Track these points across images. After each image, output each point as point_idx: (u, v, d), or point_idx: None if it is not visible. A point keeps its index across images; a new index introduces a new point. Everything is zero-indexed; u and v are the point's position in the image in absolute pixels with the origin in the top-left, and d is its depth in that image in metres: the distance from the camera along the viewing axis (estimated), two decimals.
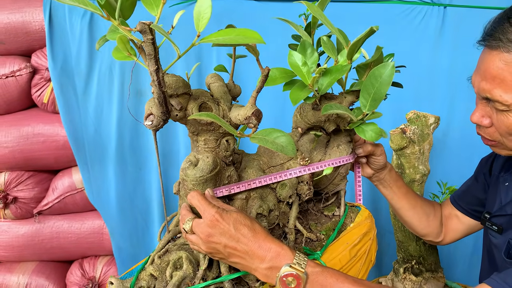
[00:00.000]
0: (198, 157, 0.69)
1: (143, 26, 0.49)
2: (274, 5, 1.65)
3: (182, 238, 0.78)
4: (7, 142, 1.70)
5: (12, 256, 1.85)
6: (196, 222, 0.66)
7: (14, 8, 1.65)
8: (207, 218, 0.64)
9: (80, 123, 1.71)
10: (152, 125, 0.60)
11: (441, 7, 1.60)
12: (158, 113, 0.60)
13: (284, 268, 0.62)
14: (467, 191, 1.12)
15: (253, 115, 0.61)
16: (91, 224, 1.85)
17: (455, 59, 1.63)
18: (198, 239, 0.66)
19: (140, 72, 1.68)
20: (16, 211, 1.79)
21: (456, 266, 1.81)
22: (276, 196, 0.79)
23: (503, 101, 0.76)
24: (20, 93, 1.71)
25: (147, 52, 0.53)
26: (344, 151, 0.90)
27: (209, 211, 0.64)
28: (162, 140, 1.74)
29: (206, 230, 0.64)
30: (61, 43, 1.65)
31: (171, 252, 0.74)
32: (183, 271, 0.69)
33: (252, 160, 0.79)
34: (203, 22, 0.53)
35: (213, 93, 0.70)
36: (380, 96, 0.73)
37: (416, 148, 1.36)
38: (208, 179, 0.67)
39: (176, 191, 0.77)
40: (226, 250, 0.64)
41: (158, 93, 0.57)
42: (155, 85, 0.56)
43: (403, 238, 1.43)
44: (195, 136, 0.70)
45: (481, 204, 1.07)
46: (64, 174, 1.81)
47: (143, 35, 0.51)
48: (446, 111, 1.67)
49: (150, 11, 0.56)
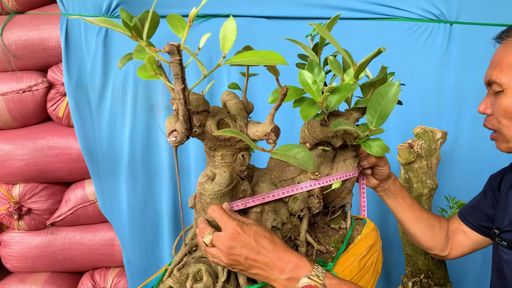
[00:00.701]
0: (215, 172, 0.71)
1: (171, 47, 0.51)
2: (283, 22, 1.70)
3: (199, 251, 0.80)
4: (22, 154, 1.75)
5: (25, 267, 1.88)
6: (216, 235, 0.68)
7: (32, 26, 1.71)
8: (228, 231, 0.66)
9: (93, 137, 1.75)
10: (176, 141, 0.62)
11: (448, 24, 1.63)
12: (182, 130, 0.62)
13: (303, 279, 0.64)
14: (475, 207, 1.13)
15: (272, 131, 0.64)
16: (102, 236, 1.87)
17: (462, 75, 1.65)
18: (219, 251, 0.68)
19: (151, 88, 1.72)
20: (30, 222, 1.83)
21: (466, 281, 1.81)
22: (288, 209, 0.81)
23: (498, 81, 0.85)
24: (36, 107, 1.76)
25: (174, 72, 0.55)
26: (350, 166, 0.93)
27: (230, 224, 0.66)
28: (173, 154, 1.77)
29: (227, 243, 0.66)
30: (77, 59, 1.71)
31: (189, 265, 0.75)
32: (203, 283, 0.71)
33: (264, 174, 0.82)
34: (229, 44, 0.55)
35: (230, 110, 0.73)
36: (386, 113, 0.76)
37: (423, 163, 1.38)
38: (225, 193, 0.69)
39: (192, 205, 0.80)
40: (247, 262, 0.66)
41: (183, 110, 0.59)
42: (181, 103, 0.58)
43: (412, 252, 1.44)
44: (212, 151, 0.72)
45: (489, 220, 1.08)
46: (77, 186, 1.85)
47: (171, 56, 0.53)
48: (453, 126, 1.69)
49: (176, 33, 0.59)
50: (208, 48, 1.51)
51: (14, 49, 1.70)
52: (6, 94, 1.71)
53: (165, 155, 1.76)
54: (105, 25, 0.52)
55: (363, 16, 1.66)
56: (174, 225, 1.84)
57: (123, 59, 0.70)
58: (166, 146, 1.76)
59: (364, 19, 1.67)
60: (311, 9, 1.66)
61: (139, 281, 1.87)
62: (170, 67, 0.55)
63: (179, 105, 0.59)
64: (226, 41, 0.56)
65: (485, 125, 0.96)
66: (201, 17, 1.67)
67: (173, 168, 1.78)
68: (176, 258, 0.79)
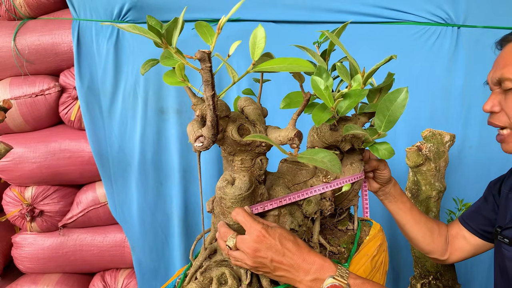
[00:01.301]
0: (234, 176, 0.72)
1: (203, 54, 0.52)
2: (291, 27, 1.71)
3: (220, 255, 0.81)
4: (35, 157, 1.78)
5: (37, 268, 1.91)
6: (240, 238, 0.69)
7: (45, 31, 1.74)
8: (253, 233, 0.67)
9: (105, 140, 1.78)
10: (202, 147, 0.63)
11: (455, 27, 1.65)
12: (209, 135, 0.62)
13: (328, 279, 0.65)
14: (476, 211, 1.14)
15: (295, 136, 0.65)
16: (113, 237, 1.90)
17: (469, 78, 1.66)
18: (243, 254, 0.69)
19: (162, 92, 1.75)
20: (42, 224, 1.86)
21: (474, 282, 1.81)
22: (302, 212, 0.83)
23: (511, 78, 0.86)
24: (48, 111, 1.79)
25: (204, 78, 0.55)
26: (357, 169, 0.95)
27: (255, 226, 0.68)
28: (183, 157, 1.80)
29: (253, 245, 0.67)
30: (88, 63, 1.74)
31: (211, 269, 0.76)
32: (228, 286, 0.72)
33: (277, 178, 0.83)
34: (258, 51, 0.56)
35: (248, 115, 0.74)
36: (395, 118, 0.77)
37: (432, 166, 1.39)
38: (245, 197, 0.70)
39: (210, 209, 0.81)
40: (272, 264, 0.68)
41: (212, 116, 0.60)
42: (210, 109, 0.59)
43: (420, 254, 1.45)
44: (231, 156, 0.73)
45: (490, 225, 1.09)
46: (88, 189, 1.88)
47: (201, 63, 0.54)
48: (461, 129, 1.70)
49: (205, 40, 0.60)
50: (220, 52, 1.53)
51: (27, 54, 1.74)
52: (19, 98, 1.74)
53: (175, 158, 1.78)
54: (135, 31, 0.53)
55: (371, 20, 1.67)
56: (184, 227, 1.86)
57: (146, 65, 0.72)
58: (176, 149, 1.78)
59: (372, 23, 1.68)
60: (319, 13, 1.68)
61: (149, 283, 1.89)
62: (200, 73, 0.55)
63: (208, 111, 0.60)
64: (255, 48, 0.57)
65: (490, 122, 0.96)
66: (210, 21, 1.69)
67: (183, 171, 1.80)
68: (197, 262, 0.79)
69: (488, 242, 1.10)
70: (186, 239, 1.89)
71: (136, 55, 1.72)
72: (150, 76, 1.72)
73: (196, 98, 0.74)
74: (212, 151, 1.76)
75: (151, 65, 0.72)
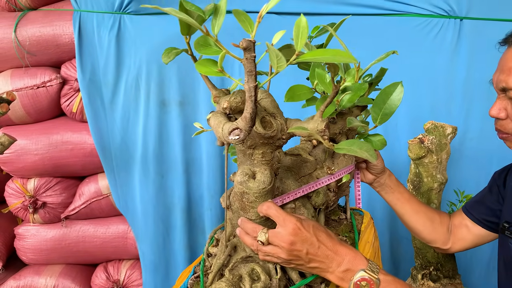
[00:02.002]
0: (253, 170, 0.71)
1: (249, 43, 0.50)
2: (293, 18, 1.71)
3: (243, 251, 0.79)
4: (37, 149, 1.78)
5: (40, 259, 1.92)
6: (273, 233, 0.69)
7: (45, 22, 1.73)
8: (288, 226, 0.68)
9: (107, 132, 1.78)
10: (239, 140, 0.61)
11: (458, 19, 1.64)
12: (246, 128, 0.60)
13: (360, 272, 0.67)
14: (480, 202, 1.14)
15: (325, 127, 0.66)
16: (115, 228, 1.91)
17: (471, 71, 1.66)
18: (277, 248, 0.69)
19: (164, 84, 1.74)
20: (45, 216, 1.86)
21: (473, 272, 1.84)
22: (311, 204, 0.84)
23: None
24: (50, 103, 1.79)
25: (248, 69, 0.53)
26: (350, 160, 0.96)
27: (289, 220, 0.68)
28: (186, 149, 1.80)
29: (288, 239, 0.67)
30: (90, 55, 1.73)
31: (238, 266, 0.75)
32: (262, 282, 0.71)
33: (285, 171, 0.84)
34: (302, 42, 0.55)
35: (267, 108, 0.73)
36: (391, 111, 0.78)
37: (434, 158, 1.40)
38: (268, 190, 0.70)
39: (227, 205, 0.79)
40: (307, 256, 0.68)
41: (252, 108, 0.58)
42: (251, 100, 0.57)
43: (421, 244, 1.47)
44: (251, 149, 0.71)
45: (494, 215, 1.09)
46: (91, 181, 1.88)
47: (246, 53, 0.52)
48: (463, 121, 1.70)
49: (245, 29, 0.58)
50: None
51: (28, 45, 1.73)
52: (20, 89, 1.73)
53: (178, 150, 1.79)
54: (177, 15, 0.51)
55: (374, 12, 1.67)
56: (187, 220, 1.87)
57: (169, 54, 0.67)
58: (179, 141, 1.78)
59: (375, 15, 1.68)
60: (322, 4, 1.67)
61: (151, 274, 1.90)
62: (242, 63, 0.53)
63: (248, 103, 0.58)
64: (299, 39, 0.55)
65: (497, 129, 0.96)
66: None
67: (186, 163, 1.81)
68: (219, 260, 0.77)
69: (491, 232, 1.11)
70: (188, 232, 1.89)
71: (138, 46, 1.72)
72: (152, 68, 1.72)
73: (217, 90, 0.72)
74: (214, 143, 1.76)
75: (175, 53, 0.67)
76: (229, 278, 0.72)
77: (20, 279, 1.88)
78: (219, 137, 0.64)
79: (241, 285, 0.72)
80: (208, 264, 0.85)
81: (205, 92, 1.74)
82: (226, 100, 0.66)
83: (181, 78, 1.74)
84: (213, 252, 0.87)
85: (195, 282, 0.82)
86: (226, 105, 0.66)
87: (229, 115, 0.69)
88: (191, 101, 1.77)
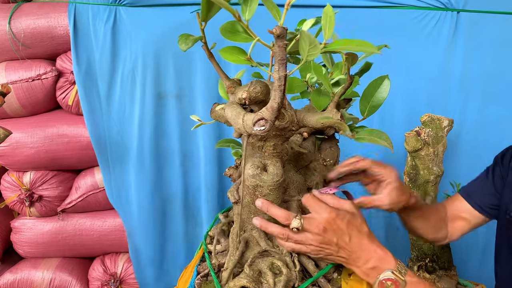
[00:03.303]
0: (264, 163, 0.71)
1: (282, 30, 0.49)
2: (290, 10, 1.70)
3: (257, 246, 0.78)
4: (33, 142, 1.77)
5: (37, 252, 1.92)
6: (308, 220, 0.69)
7: (40, 14, 1.71)
8: (324, 215, 0.68)
9: (103, 125, 1.77)
10: (264, 130, 0.59)
11: (455, 12, 1.64)
12: (271, 118, 0.58)
13: (387, 272, 0.67)
14: (480, 187, 1.11)
15: (341, 118, 0.66)
16: (112, 222, 1.91)
17: (468, 63, 1.66)
18: (308, 235, 0.69)
19: (160, 76, 1.73)
20: (41, 209, 1.86)
21: (468, 264, 1.85)
22: None
23: None
24: (46, 96, 1.78)
25: (279, 57, 0.52)
26: (335, 152, 0.96)
27: (325, 209, 0.69)
28: (182, 142, 1.79)
29: (322, 226, 0.68)
30: (85, 47, 1.71)
31: (256, 262, 0.75)
32: (285, 275, 0.71)
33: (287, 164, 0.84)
34: (329, 31, 0.55)
35: None
36: (378, 103, 0.79)
37: (430, 150, 1.41)
38: (281, 182, 0.70)
39: (236, 199, 0.78)
40: (337, 246, 0.69)
41: (281, 98, 0.57)
42: (280, 90, 0.55)
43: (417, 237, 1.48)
44: (262, 142, 0.70)
45: (493, 199, 1.06)
46: (87, 174, 1.88)
47: (278, 40, 0.50)
48: (459, 114, 1.71)
49: (274, 17, 0.58)
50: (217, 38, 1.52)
51: (23, 38, 1.71)
52: (15, 82, 1.72)
53: (175, 143, 1.78)
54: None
55: (371, 4, 1.66)
56: (183, 213, 1.87)
57: (187, 41, 0.63)
58: (175, 134, 1.78)
59: (372, 7, 1.67)
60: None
61: (145, 270, 1.89)
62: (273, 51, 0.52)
63: (277, 93, 0.56)
64: (328, 28, 0.55)
65: None
66: None
67: (182, 156, 1.80)
68: (234, 257, 0.76)
69: (487, 218, 1.09)
70: (184, 226, 1.89)
71: (134, 39, 1.70)
72: (148, 61, 1.71)
73: (230, 80, 0.70)
74: (211, 136, 1.76)
75: (193, 40, 0.63)
76: (249, 274, 0.71)
77: (17, 273, 1.87)
78: (239, 129, 0.62)
79: (261, 280, 0.71)
80: (215, 262, 0.82)
81: (202, 85, 1.74)
82: (245, 90, 0.64)
83: (177, 70, 1.73)
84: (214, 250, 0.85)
85: (203, 282, 0.80)
86: (245, 96, 0.64)
87: (245, 106, 0.67)
88: (188, 93, 1.76)
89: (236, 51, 0.62)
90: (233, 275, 0.75)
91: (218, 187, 1.84)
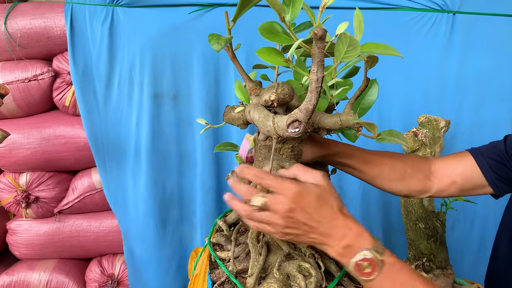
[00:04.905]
0: (282, 165, 0.70)
1: (324, 32, 0.48)
2: None
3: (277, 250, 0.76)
4: (29, 143, 1.76)
5: (34, 254, 1.91)
6: (271, 198, 0.61)
7: (36, 14, 1.70)
8: (289, 192, 0.61)
9: (100, 126, 1.76)
10: (298, 132, 0.57)
11: (450, 14, 1.66)
12: (305, 120, 0.57)
13: (364, 251, 0.61)
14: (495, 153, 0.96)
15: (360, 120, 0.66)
16: (109, 223, 1.90)
17: (464, 65, 1.68)
18: (273, 216, 0.62)
19: (158, 77, 1.73)
20: (38, 211, 1.85)
21: (463, 263, 1.87)
22: None
23: None
24: (42, 96, 1.77)
25: (319, 58, 0.51)
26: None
27: (289, 185, 0.61)
28: (180, 141, 1.79)
29: (288, 207, 0.61)
30: (82, 48, 1.71)
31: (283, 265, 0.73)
32: (314, 276, 0.70)
33: None
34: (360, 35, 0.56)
35: None
36: (368, 106, 0.80)
37: (427, 151, 1.42)
38: None
39: None
40: (307, 226, 0.62)
41: (317, 99, 0.55)
42: (317, 91, 0.54)
43: (414, 236, 1.49)
44: (281, 144, 0.69)
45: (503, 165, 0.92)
46: (84, 175, 1.87)
47: (318, 42, 0.49)
48: (455, 115, 1.73)
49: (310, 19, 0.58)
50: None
51: (19, 38, 1.70)
52: (11, 83, 1.71)
53: (172, 144, 1.78)
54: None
55: (367, 5, 1.67)
56: (180, 215, 1.86)
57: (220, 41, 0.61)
58: (172, 135, 1.77)
59: (368, 8, 1.68)
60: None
61: (140, 272, 1.88)
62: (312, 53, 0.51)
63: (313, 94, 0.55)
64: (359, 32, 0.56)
65: None
66: (207, 6, 1.67)
67: (179, 157, 1.80)
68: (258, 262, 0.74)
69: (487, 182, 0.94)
70: (181, 227, 1.88)
71: (131, 39, 1.70)
72: (146, 62, 1.70)
73: (253, 82, 0.69)
74: (210, 137, 1.76)
75: (225, 40, 0.61)
76: (279, 278, 0.70)
77: (13, 274, 1.86)
78: (268, 131, 0.60)
79: (290, 283, 0.71)
80: (232, 268, 0.79)
81: (199, 86, 1.73)
82: (273, 92, 0.64)
83: (175, 71, 1.73)
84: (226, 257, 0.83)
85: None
86: (274, 97, 0.63)
87: (269, 108, 0.66)
88: (185, 94, 1.76)
89: (274, 53, 0.61)
90: None
91: (215, 189, 1.83)
